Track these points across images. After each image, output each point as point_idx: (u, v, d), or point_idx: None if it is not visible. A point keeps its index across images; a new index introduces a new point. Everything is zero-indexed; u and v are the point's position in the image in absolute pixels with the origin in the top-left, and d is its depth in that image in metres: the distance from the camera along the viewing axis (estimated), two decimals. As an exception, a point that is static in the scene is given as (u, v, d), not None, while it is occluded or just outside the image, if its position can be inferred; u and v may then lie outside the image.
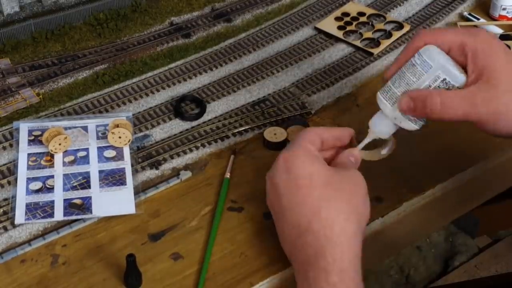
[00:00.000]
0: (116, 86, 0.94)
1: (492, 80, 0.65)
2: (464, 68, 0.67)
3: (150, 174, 0.81)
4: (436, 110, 0.66)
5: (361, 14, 1.10)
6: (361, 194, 0.67)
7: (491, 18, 1.10)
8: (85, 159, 0.82)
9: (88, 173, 0.80)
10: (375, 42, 1.04)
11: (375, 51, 1.02)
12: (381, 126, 0.71)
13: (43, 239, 0.72)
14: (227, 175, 0.79)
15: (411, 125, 0.69)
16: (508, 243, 1.73)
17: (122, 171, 0.81)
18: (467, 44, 0.67)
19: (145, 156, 0.83)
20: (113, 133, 0.83)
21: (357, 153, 0.71)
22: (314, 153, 0.68)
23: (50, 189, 0.78)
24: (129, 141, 0.84)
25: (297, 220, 0.65)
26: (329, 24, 1.07)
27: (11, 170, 0.81)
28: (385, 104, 0.70)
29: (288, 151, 0.68)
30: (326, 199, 0.64)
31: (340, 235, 0.63)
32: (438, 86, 0.67)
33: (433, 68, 0.66)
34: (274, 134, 0.85)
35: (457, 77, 0.66)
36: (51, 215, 0.75)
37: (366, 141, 0.72)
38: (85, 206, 0.76)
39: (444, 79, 0.66)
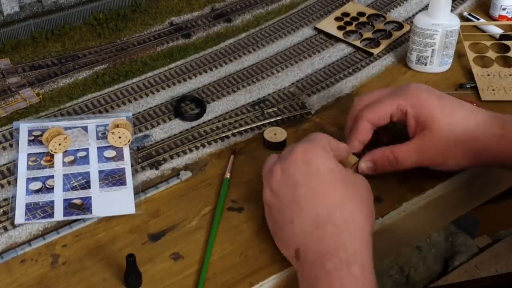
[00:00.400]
0: (116, 86, 0.94)
1: (433, 128, 0.74)
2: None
3: (150, 174, 0.81)
4: (393, 166, 0.75)
5: (361, 14, 1.10)
6: (371, 197, 0.70)
7: (491, 18, 1.10)
8: (85, 159, 0.82)
9: (88, 173, 0.80)
10: (375, 42, 1.04)
11: (375, 51, 1.02)
12: None
13: (43, 239, 0.72)
14: (227, 175, 0.80)
15: None
16: (508, 243, 1.73)
17: (122, 171, 0.81)
18: (401, 105, 0.76)
19: (145, 156, 0.83)
20: (113, 133, 0.83)
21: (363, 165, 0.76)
22: (330, 152, 0.70)
23: (50, 189, 0.78)
24: (129, 141, 0.84)
25: (317, 211, 0.65)
26: (329, 24, 1.07)
27: (11, 170, 0.81)
28: None
29: (306, 144, 0.69)
30: (347, 194, 0.66)
31: (361, 229, 0.65)
32: None
33: None
34: (274, 134, 0.85)
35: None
36: (51, 215, 0.75)
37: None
38: (85, 206, 0.76)
39: None
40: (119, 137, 0.83)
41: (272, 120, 0.89)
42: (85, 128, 0.86)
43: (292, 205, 0.67)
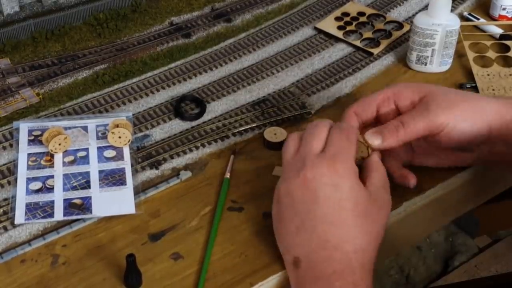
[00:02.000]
0: (116, 86, 0.94)
1: (435, 94, 0.72)
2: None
3: (150, 174, 0.81)
4: (401, 132, 0.72)
5: (361, 14, 1.10)
6: (385, 221, 0.69)
7: (491, 18, 1.10)
8: (85, 159, 0.82)
9: (88, 173, 0.80)
10: (375, 42, 1.04)
11: (375, 51, 1.02)
12: None
13: (43, 239, 0.72)
14: (227, 175, 0.79)
15: None
16: (508, 243, 1.73)
17: (122, 171, 0.81)
18: (388, 93, 0.75)
19: (145, 156, 0.83)
20: (113, 133, 0.83)
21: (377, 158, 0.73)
22: (358, 174, 0.68)
23: (50, 189, 0.78)
24: (129, 141, 0.84)
25: (327, 236, 0.64)
26: (329, 24, 1.07)
27: (11, 170, 0.81)
28: None
29: (341, 164, 0.66)
30: (363, 231, 0.65)
31: (369, 262, 0.66)
32: None
33: None
34: (274, 134, 0.85)
35: None
36: (51, 215, 0.75)
37: None
38: (85, 206, 0.76)
39: None
40: (119, 137, 0.83)
41: (272, 120, 0.89)
42: (85, 128, 0.86)
43: (304, 217, 0.65)
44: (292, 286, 0.66)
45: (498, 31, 1.06)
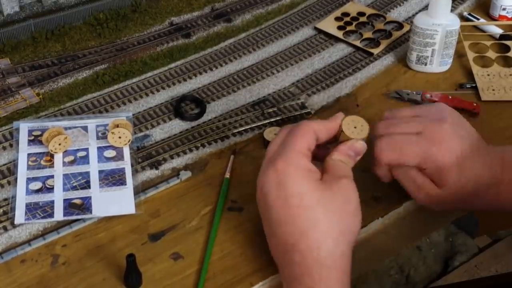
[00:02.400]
0: (116, 86, 0.94)
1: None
2: None
3: (150, 174, 0.81)
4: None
5: (361, 14, 1.10)
6: (352, 211, 0.66)
7: (491, 18, 1.10)
8: (85, 159, 0.82)
9: (88, 173, 0.80)
10: (375, 42, 1.04)
11: (375, 51, 1.02)
12: None
13: (43, 239, 0.72)
14: (227, 175, 0.79)
15: None
16: (508, 243, 1.73)
17: (122, 171, 0.81)
18: (421, 164, 0.72)
19: (145, 156, 0.83)
20: (113, 133, 0.84)
21: (359, 145, 0.69)
22: (307, 166, 0.66)
23: (50, 189, 0.78)
24: (129, 141, 0.84)
25: (285, 237, 0.64)
26: (329, 24, 1.07)
27: (11, 170, 0.81)
28: None
29: (280, 162, 0.65)
30: (315, 221, 0.63)
31: (327, 257, 0.63)
32: None
33: None
34: (274, 134, 0.85)
35: None
36: (51, 215, 0.75)
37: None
38: (85, 206, 0.76)
39: None
40: (119, 137, 0.83)
41: (272, 120, 0.89)
42: (85, 128, 0.86)
43: (270, 223, 0.66)
44: None
45: (498, 31, 1.05)
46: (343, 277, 0.64)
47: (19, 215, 0.75)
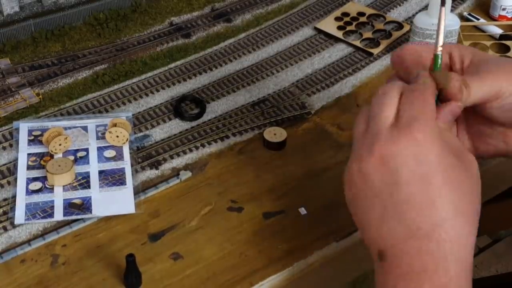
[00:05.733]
0: (116, 86, 0.94)
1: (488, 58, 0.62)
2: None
3: (150, 174, 0.81)
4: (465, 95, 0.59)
5: (361, 14, 1.10)
6: (479, 188, 0.57)
7: (491, 18, 1.10)
8: (85, 159, 0.82)
9: (88, 173, 0.80)
10: (375, 42, 1.04)
11: (375, 51, 1.02)
12: None
13: (43, 239, 0.72)
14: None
15: None
16: (508, 243, 1.73)
17: (122, 171, 0.81)
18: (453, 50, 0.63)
19: (145, 156, 0.83)
20: (110, 132, 0.84)
21: (456, 109, 0.59)
22: (446, 136, 0.57)
23: (50, 189, 0.78)
24: (126, 140, 0.84)
25: (419, 221, 0.54)
26: (329, 24, 1.07)
27: (11, 170, 0.81)
28: None
29: (418, 132, 0.54)
30: (457, 208, 0.54)
31: (465, 249, 0.55)
32: None
33: None
34: (274, 134, 0.85)
35: None
36: (51, 215, 0.75)
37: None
38: (85, 206, 0.76)
39: None
40: (117, 136, 0.83)
41: (272, 120, 0.89)
42: (85, 128, 0.86)
43: (387, 202, 0.55)
44: (377, 284, 0.57)
45: (498, 31, 1.05)
46: (471, 274, 0.56)
47: (19, 215, 0.75)
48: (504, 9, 1.08)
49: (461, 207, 0.55)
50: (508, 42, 1.03)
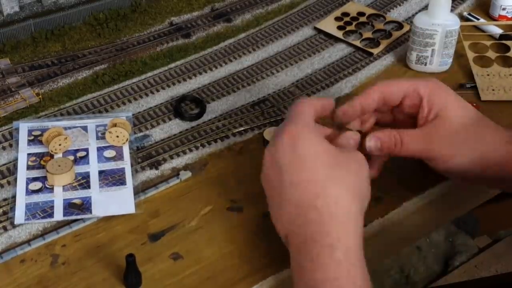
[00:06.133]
0: (116, 86, 0.94)
1: (446, 117, 0.71)
2: (417, 110, 0.73)
3: (150, 174, 0.81)
4: (397, 148, 0.71)
5: (361, 14, 1.10)
6: (365, 176, 0.67)
7: (491, 18, 1.10)
8: (85, 159, 0.82)
9: (88, 173, 0.80)
10: (375, 42, 1.04)
11: (375, 51, 1.02)
12: None
13: (42, 239, 0.72)
14: None
15: None
16: (508, 243, 1.73)
17: (122, 171, 0.81)
18: (420, 88, 0.72)
19: (145, 156, 0.83)
20: (110, 132, 0.84)
21: (357, 137, 0.71)
22: (318, 130, 0.68)
23: (50, 189, 0.78)
24: (126, 140, 0.84)
25: (300, 197, 0.63)
26: (329, 24, 1.07)
27: (10, 170, 0.81)
28: None
29: (292, 126, 0.66)
30: (332, 178, 0.64)
31: (345, 213, 0.63)
32: None
33: None
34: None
35: None
36: (51, 215, 0.75)
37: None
38: (85, 206, 0.76)
39: None
40: (117, 136, 0.84)
41: (272, 120, 0.89)
42: (85, 128, 0.86)
43: (279, 190, 0.65)
44: (291, 267, 0.65)
45: (498, 31, 1.05)
46: (359, 240, 0.63)
47: (19, 215, 0.75)
48: (504, 9, 1.08)
49: (337, 179, 0.64)
50: (508, 42, 1.03)
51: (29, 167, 0.81)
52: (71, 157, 0.82)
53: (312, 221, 0.62)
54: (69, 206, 0.76)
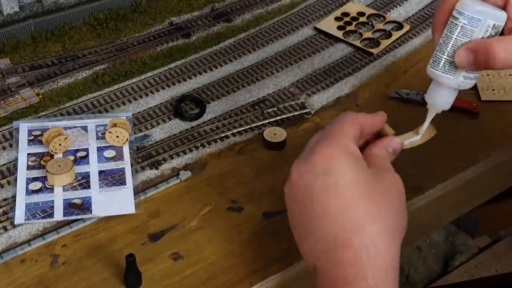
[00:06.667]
0: (115, 86, 0.94)
1: None
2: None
3: (150, 174, 0.81)
4: (500, 59, 0.61)
5: (361, 14, 1.10)
6: (403, 204, 0.61)
7: (491, 18, 1.09)
8: (85, 159, 0.82)
9: (88, 173, 0.80)
10: (375, 42, 1.04)
11: (375, 51, 1.02)
12: (443, 98, 0.67)
13: (43, 239, 0.72)
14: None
15: (472, 82, 0.66)
16: (508, 243, 1.73)
17: (122, 171, 0.81)
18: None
19: (145, 156, 0.83)
20: (110, 132, 0.84)
21: (397, 144, 0.65)
22: (356, 154, 0.60)
23: (50, 189, 0.78)
24: (126, 140, 0.84)
25: (335, 233, 0.57)
26: (329, 24, 1.07)
27: (10, 170, 0.81)
28: (444, 76, 0.66)
29: (325, 146, 0.59)
30: (371, 215, 0.57)
31: (385, 256, 0.57)
32: (490, 35, 0.63)
33: (482, 20, 0.63)
34: (274, 134, 0.85)
35: (501, 16, 0.63)
36: (51, 215, 0.75)
37: (428, 121, 0.67)
38: (85, 206, 0.76)
39: (494, 25, 0.63)
40: (117, 136, 0.84)
41: (272, 120, 0.89)
42: (85, 128, 0.86)
43: (310, 216, 0.59)
44: None
45: (498, 31, 1.05)
46: (395, 284, 0.58)
47: (19, 215, 0.75)
48: (504, 9, 1.07)
49: (376, 215, 0.57)
50: (508, 42, 1.02)
51: (29, 167, 0.81)
52: (71, 157, 0.82)
53: (349, 261, 0.56)
54: (69, 206, 0.76)
